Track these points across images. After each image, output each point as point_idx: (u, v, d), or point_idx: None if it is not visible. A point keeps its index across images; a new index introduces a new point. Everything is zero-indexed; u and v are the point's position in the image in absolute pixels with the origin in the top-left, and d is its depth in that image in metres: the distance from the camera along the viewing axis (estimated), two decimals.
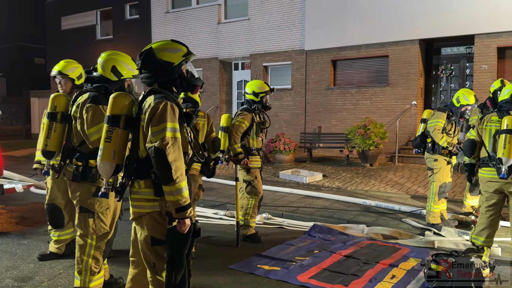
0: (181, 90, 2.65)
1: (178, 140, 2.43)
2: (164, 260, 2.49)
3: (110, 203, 3.39)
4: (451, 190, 7.84)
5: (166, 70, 2.53)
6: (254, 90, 5.17)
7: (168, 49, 2.56)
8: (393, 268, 4.24)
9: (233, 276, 4.15)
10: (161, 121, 2.38)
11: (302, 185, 8.91)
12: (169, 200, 2.38)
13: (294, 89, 14.00)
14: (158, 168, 2.37)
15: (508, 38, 10.39)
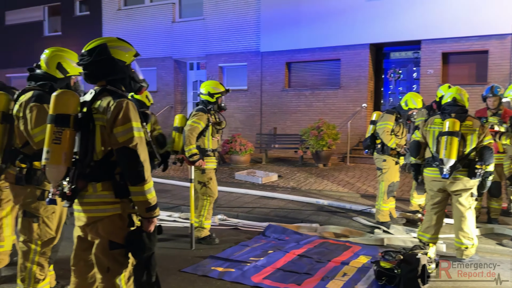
0: (128, 90, 2.60)
1: (143, 140, 2.41)
2: (121, 264, 2.45)
3: (56, 207, 3.24)
4: (399, 189, 8.17)
5: (119, 68, 2.48)
6: (209, 91, 5.14)
7: (120, 48, 2.51)
8: (345, 266, 4.35)
9: (187, 280, 4.09)
10: (126, 120, 2.34)
11: (258, 185, 8.96)
12: (138, 200, 2.36)
13: (250, 90, 14.06)
14: (129, 168, 2.33)
15: (452, 44, 10.99)
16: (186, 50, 15.19)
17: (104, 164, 2.40)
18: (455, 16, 10.68)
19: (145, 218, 2.41)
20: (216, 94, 5.13)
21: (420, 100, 5.82)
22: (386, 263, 3.94)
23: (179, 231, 5.83)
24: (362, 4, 11.89)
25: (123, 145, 2.32)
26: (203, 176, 5.12)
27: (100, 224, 2.42)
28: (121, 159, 2.36)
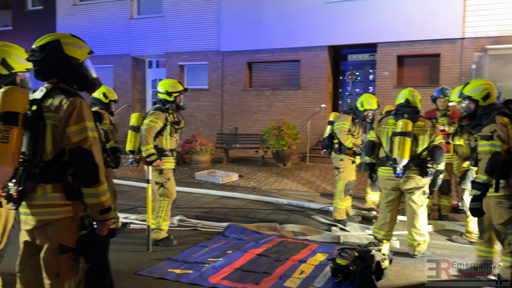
0: (80, 88, 2.51)
1: (98, 140, 2.35)
2: (72, 269, 2.35)
3: (2, 210, 3.06)
4: (356, 188, 8.36)
5: (72, 66, 2.40)
6: (167, 90, 5.04)
7: (74, 44, 2.43)
8: (302, 264, 4.40)
9: (142, 283, 4.00)
10: (80, 120, 2.26)
11: (218, 185, 8.91)
12: (91, 202, 2.28)
13: (211, 90, 13.97)
14: (84, 169, 2.26)
15: (407, 47, 11.41)
16: (145, 47, 14.88)
17: (55, 165, 2.30)
18: (409, 21, 11.09)
19: (98, 221, 2.34)
20: (174, 93, 5.04)
21: (375, 101, 5.99)
22: (342, 260, 4.02)
23: (136, 233, 5.69)
24: (321, 7, 12.11)
25: (77, 145, 2.25)
26: (161, 177, 5.02)
27: (50, 227, 2.32)
28: (74, 159, 2.27)
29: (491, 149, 3.53)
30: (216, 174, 9.62)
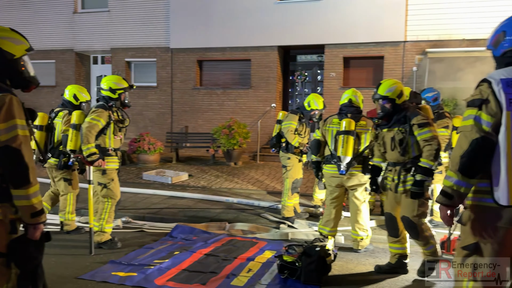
0: (14, 86, 2.37)
1: (28, 139, 2.23)
2: (3, 275, 2.21)
3: None
4: (303, 185, 8.55)
5: (6, 61, 2.27)
6: (111, 86, 4.86)
7: (10, 39, 2.30)
8: (250, 262, 4.42)
9: (83, 287, 3.83)
10: (10, 117, 2.14)
11: (167, 185, 8.74)
12: (22, 205, 2.16)
13: (160, 87, 13.68)
14: (13, 169, 2.13)
15: (353, 49, 11.78)
16: (89, 42, 14.31)
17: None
18: (355, 24, 11.47)
19: (30, 225, 2.22)
20: (119, 90, 4.87)
21: (322, 101, 6.13)
22: (289, 256, 4.07)
23: (77, 236, 5.45)
24: (271, 7, 12.23)
25: (6, 144, 2.12)
26: (104, 177, 4.84)
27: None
28: (2, 159, 2.14)
29: (432, 134, 3.80)
30: (165, 173, 9.44)
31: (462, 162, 2.21)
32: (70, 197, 5.49)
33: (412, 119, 3.88)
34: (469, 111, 2.24)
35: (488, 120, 2.16)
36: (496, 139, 2.16)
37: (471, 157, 2.19)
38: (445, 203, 2.33)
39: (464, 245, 2.31)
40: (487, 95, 2.18)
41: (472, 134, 2.18)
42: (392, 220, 4.12)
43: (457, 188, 2.25)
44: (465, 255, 2.30)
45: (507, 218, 2.18)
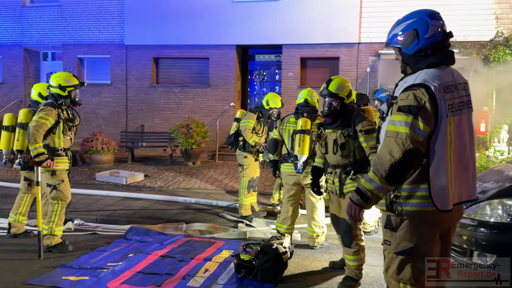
0: None
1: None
2: None
3: None
4: (262, 184, 8.61)
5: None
6: (60, 83, 4.66)
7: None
8: (207, 262, 4.38)
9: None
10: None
11: (122, 186, 8.51)
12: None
13: (114, 85, 13.28)
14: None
15: (309, 50, 11.97)
16: (39, 38, 13.66)
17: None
18: (311, 25, 11.65)
19: None
20: (69, 88, 4.68)
21: (279, 100, 6.18)
22: (246, 255, 4.07)
23: (26, 240, 5.19)
24: (228, 5, 12.19)
25: None
26: (53, 178, 4.63)
27: None
28: None
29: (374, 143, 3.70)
30: (120, 174, 9.18)
31: (392, 170, 2.14)
32: (27, 198, 5.27)
33: (358, 125, 3.78)
34: (403, 118, 2.14)
35: (424, 129, 2.11)
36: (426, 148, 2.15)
37: (403, 168, 2.14)
38: (361, 205, 2.29)
39: (397, 250, 2.27)
40: (424, 102, 2.12)
41: (407, 143, 2.11)
42: (337, 221, 4.13)
43: (377, 193, 2.22)
44: (402, 261, 2.27)
45: (443, 220, 2.24)
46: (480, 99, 10.57)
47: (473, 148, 2.25)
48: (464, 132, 2.22)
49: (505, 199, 3.65)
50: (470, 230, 3.77)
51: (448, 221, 2.27)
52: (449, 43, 2.32)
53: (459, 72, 2.32)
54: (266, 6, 12.00)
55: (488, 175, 4.71)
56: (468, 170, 2.23)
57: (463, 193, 2.22)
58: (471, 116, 2.28)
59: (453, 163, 2.16)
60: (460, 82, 2.27)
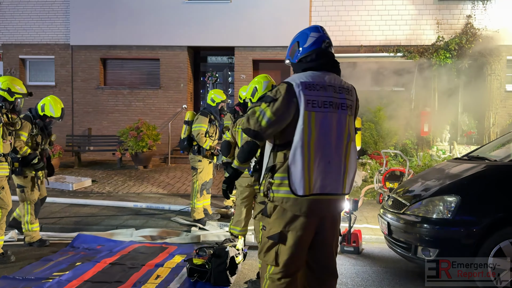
0: None
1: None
2: None
3: None
4: (216, 186, 8.55)
5: None
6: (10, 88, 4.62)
7: None
8: (159, 268, 4.28)
9: None
10: None
11: (68, 192, 8.15)
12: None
13: (59, 87, 12.67)
14: None
15: (261, 52, 12.06)
16: None
17: None
18: (262, 27, 11.76)
19: None
20: (17, 95, 4.51)
21: (222, 92, 6.22)
22: (199, 259, 4.03)
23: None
24: (179, 6, 12.03)
25: None
26: None
27: None
28: None
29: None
30: (66, 180, 8.78)
31: (241, 149, 2.81)
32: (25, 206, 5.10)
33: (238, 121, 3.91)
34: (262, 105, 2.39)
35: (270, 117, 2.35)
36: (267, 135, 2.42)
37: (248, 147, 2.76)
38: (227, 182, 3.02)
39: (269, 235, 2.43)
40: (280, 96, 2.35)
41: (255, 125, 2.40)
42: None
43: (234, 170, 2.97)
44: (270, 244, 2.42)
45: (304, 208, 2.37)
46: (423, 100, 11.17)
47: (341, 146, 2.39)
48: (331, 129, 2.36)
49: (446, 196, 3.85)
50: (414, 226, 3.95)
51: (316, 211, 2.38)
52: (331, 53, 2.52)
53: (341, 79, 2.52)
54: (217, 7, 11.96)
55: (430, 173, 4.97)
56: (332, 165, 2.36)
57: (326, 185, 2.35)
58: (343, 118, 2.40)
59: (313, 154, 2.31)
60: (334, 85, 2.42)
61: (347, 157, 2.41)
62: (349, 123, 2.43)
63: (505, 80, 11.11)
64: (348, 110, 2.43)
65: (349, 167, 2.43)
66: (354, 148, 2.47)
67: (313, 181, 2.31)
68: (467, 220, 3.74)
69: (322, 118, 2.33)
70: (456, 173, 4.37)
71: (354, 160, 2.46)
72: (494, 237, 3.61)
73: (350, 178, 2.46)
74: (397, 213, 4.19)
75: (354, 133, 2.48)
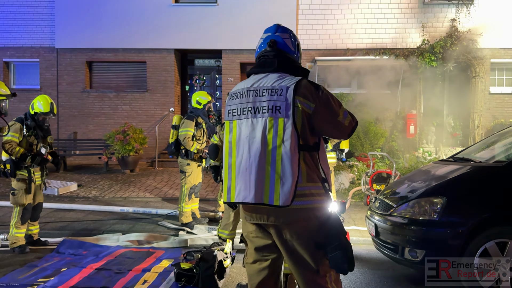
0: None
1: None
2: None
3: None
4: (204, 190, 8.51)
5: None
6: None
7: None
8: (146, 273, 4.23)
9: None
10: None
11: (53, 197, 8.02)
12: None
13: (44, 90, 12.46)
14: None
15: (248, 55, 12.06)
16: None
17: None
18: (250, 30, 11.73)
19: None
20: (1, 97, 4.38)
21: (206, 93, 6.18)
22: (186, 264, 3.99)
23: None
24: (166, 9, 11.97)
25: None
26: None
27: None
28: None
29: None
30: (51, 184, 8.63)
31: None
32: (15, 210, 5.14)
33: None
34: None
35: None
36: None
37: None
38: None
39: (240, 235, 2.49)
40: None
41: None
42: None
43: None
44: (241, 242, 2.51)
45: (242, 215, 2.32)
46: (409, 103, 11.29)
47: (259, 153, 2.11)
48: (248, 136, 2.17)
49: (432, 197, 3.88)
50: (401, 227, 3.97)
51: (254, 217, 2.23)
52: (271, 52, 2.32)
53: (272, 77, 2.23)
54: (204, 10, 11.94)
55: (417, 175, 5.01)
56: (249, 173, 2.13)
57: (241, 193, 2.16)
58: (262, 122, 2.14)
59: (234, 160, 2.21)
60: (255, 88, 2.22)
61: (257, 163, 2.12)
62: (274, 127, 2.11)
63: (489, 83, 11.30)
64: (274, 113, 2.12)
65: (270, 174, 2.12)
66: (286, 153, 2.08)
67: (240, 191, 2.18)
68: (453, 221, 3.78)
69: (243, 125, 2.19)
70: (442, 175, 4.41)
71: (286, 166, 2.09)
72: (479, 238, 3.65)
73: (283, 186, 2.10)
74: (384, 215, 4.21)
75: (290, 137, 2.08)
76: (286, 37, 2.38)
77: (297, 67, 2.32)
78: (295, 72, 2.26)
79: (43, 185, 5.41)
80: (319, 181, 2.18)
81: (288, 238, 2.15)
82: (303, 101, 2.12)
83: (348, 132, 2.31)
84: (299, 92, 2.12)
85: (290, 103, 2.10)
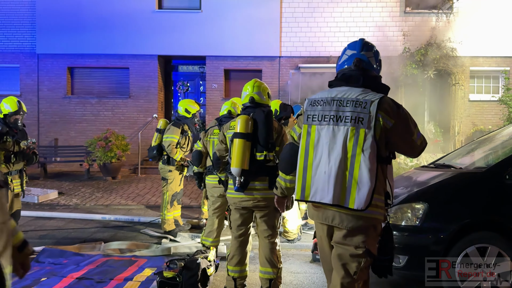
0: None
1: None
2: None
3: None
4: (188, 197, 8.44)
5: None
6: None
7: None
8: (128, 282, 4.15)
9: None
10: None
11: (33, 205, 7.85)
12: None
13: (24, 96, 12.24)
14: None
15: (233, 62, 12.09)
16: None
17: None
18: (234, 37, 11.80)
19: None
20: None
21: (194, 102, 6.15)
22: (169, 272, 3.93)
23: None
24: (149, 15, 11.93)
25: None
26: None
27: None
28: None
29: None
30: (31, 192, 8.45)
31: (279, 162, 2.79)
32: None
33: None
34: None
35: (297, 130, 2.60)
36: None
37: (284, 158, 2.70)
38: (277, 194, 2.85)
39: None
40: (301, 111, 2.58)
41: (288, 140, 2.71)
42: None
43: (279, 182, 2.78)
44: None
45: (312, 214, 2.55)
46: None
47: (339, 159, 2.29)
48: (328, 142, 2.36)
49: (414, 203, 3.92)
50: None
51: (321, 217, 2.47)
52: (356, 71, 2.49)
53: (357, 91, 2.40)
54: (188, 17, 11.93)
55: (398, 181, 5.06)
56: (328, 176, 2.32)
57: (317, 193, 2.37)
58: (344, 131, 2.33)
59: (311, 162, 2.41)
60: (339, 99, 2.40)
61: (338, 168, 2.31)
62: (355, 136, 2.30)
63: (468, 90, 11.56)
64: (356, 123, 2.31)
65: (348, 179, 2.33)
66: (365, 162, 2.26)
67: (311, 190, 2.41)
68: (435, 227, 3.82)
69: (322, 131, 2.41)
70: (423, 181, 4.46)
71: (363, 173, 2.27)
72: (461, 243, 3.70)
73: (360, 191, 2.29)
74: None
75: (369, 147, 2.27)
76: (370, 56, 2.54)
77: (378, 83, 2.53)
78: (377, 88, 2.46)
79: (21, 192, 5.24)
80: (383, 194, 2.36)
81: (342, 241, 2.38)
82: (384, 116, 2.31)
83: (419, 151, 2.49)
84: (382, 107, 2.31)
85: (373, 116, 2.29)
